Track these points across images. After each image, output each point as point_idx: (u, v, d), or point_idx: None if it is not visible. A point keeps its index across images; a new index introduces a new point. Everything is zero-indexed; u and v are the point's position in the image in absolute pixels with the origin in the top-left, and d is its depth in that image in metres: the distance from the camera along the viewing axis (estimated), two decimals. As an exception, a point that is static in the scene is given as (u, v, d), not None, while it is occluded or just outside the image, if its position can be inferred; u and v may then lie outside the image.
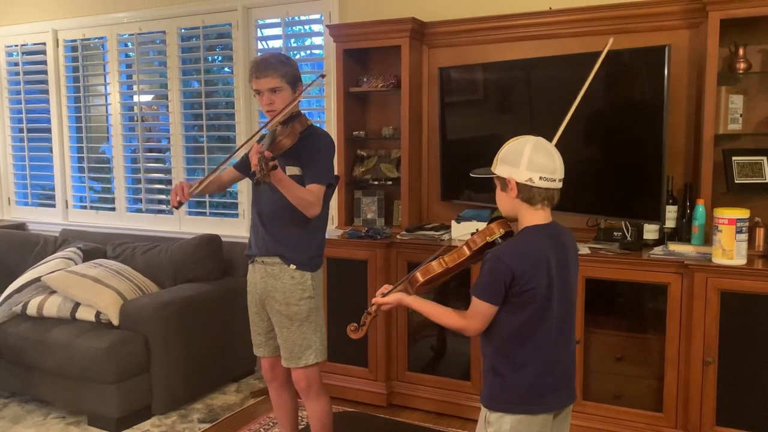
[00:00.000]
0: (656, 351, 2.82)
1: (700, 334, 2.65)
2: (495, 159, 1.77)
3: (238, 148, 2.41)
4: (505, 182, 1.73)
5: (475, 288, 1.71)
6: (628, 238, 2.94)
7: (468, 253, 1.81)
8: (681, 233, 2.95)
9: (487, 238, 1.78)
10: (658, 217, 2.81)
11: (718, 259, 2.60)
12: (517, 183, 1.70)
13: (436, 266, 1.83)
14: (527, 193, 1.70)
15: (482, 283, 1.70)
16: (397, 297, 1.86)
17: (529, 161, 1.68)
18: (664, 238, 2.96)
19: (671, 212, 2.94)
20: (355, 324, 1.92)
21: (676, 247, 2.81)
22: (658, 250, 2.83)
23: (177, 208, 2.37)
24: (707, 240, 2.78)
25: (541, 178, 1.68)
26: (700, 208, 2.79)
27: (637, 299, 2.93)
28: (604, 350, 2.93)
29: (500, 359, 1.75)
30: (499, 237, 1.78)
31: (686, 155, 3.01)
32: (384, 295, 1.88)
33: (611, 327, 2.95)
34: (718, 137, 2.82)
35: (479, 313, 1.71)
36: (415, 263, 3.07)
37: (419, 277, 1.84)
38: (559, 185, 1.73)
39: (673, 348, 2.74)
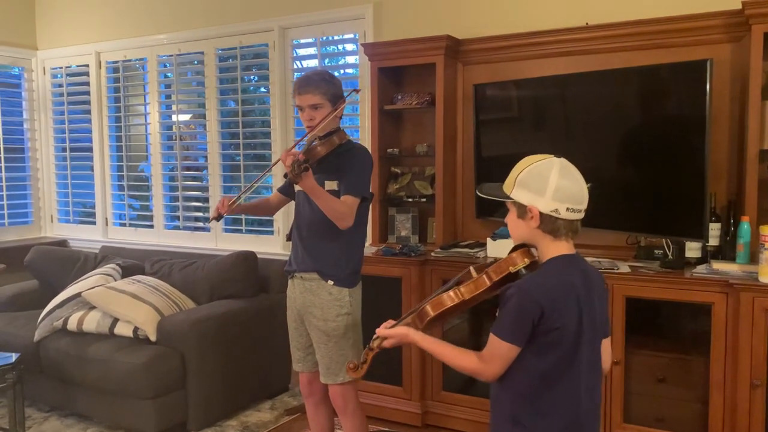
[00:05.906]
0: (700, 373, 2.73)
1: (747, 355, 2.56)
2: (510, 180, 1.55)
3: (272, 166, 2.54)
4: (525, 210, 1.52)
5: (497, 326, 1.49)
6: (670, 257, 2.86)
7: (488, 284, 1.59)
8: (725, 251, 2.87)
9: (510, 268, 1.56)
10: (701, 235, 2.74)
11: (765, 278, 2.52)
12: (541, 213, 1.49)
13: (449, 299, 1.61)
14: (551, 225, 1.50)
15: (506, 320, 1.48)
16: (401, 331, 1.62)
17: (556, 189, 1.48)
18: (707, 256, 2.88)
19: (714, 230, 2.86)
20: (354, 362, 1.72)
21: (720, 266, 2.73)
22: (701, 269, 2.76)
23: (217, 220, 2.48)
24: (753, 258, 2.70)
25: (568, 209, 1.48)
26: (745, 226, 2.71)
27: (680, 319, 2.85)
28: (646, 372, 2.84)
29: (523, 407, 1.52)
30: (523, 267, 1.56)
31: (729, 172, 2.94)
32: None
33: (653, 348, 2.87)
34: (763, 153, 2.74)
35: (499, 355, 1.49)
36: (449, 281, 3.04)
37: (429, 310, 1.62)
38: (583, 215, 1.52)
39: (718, 370, 2.65)
